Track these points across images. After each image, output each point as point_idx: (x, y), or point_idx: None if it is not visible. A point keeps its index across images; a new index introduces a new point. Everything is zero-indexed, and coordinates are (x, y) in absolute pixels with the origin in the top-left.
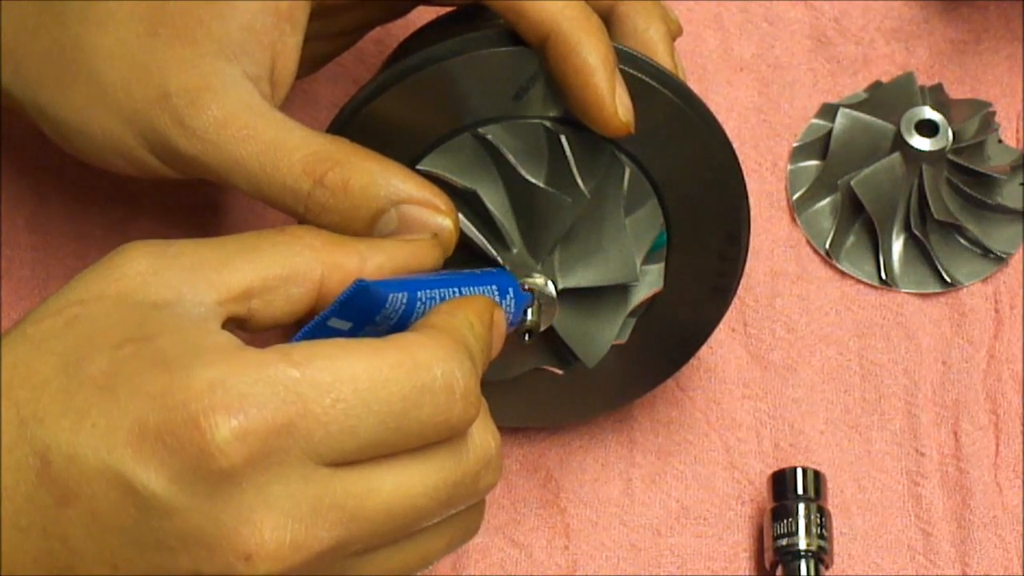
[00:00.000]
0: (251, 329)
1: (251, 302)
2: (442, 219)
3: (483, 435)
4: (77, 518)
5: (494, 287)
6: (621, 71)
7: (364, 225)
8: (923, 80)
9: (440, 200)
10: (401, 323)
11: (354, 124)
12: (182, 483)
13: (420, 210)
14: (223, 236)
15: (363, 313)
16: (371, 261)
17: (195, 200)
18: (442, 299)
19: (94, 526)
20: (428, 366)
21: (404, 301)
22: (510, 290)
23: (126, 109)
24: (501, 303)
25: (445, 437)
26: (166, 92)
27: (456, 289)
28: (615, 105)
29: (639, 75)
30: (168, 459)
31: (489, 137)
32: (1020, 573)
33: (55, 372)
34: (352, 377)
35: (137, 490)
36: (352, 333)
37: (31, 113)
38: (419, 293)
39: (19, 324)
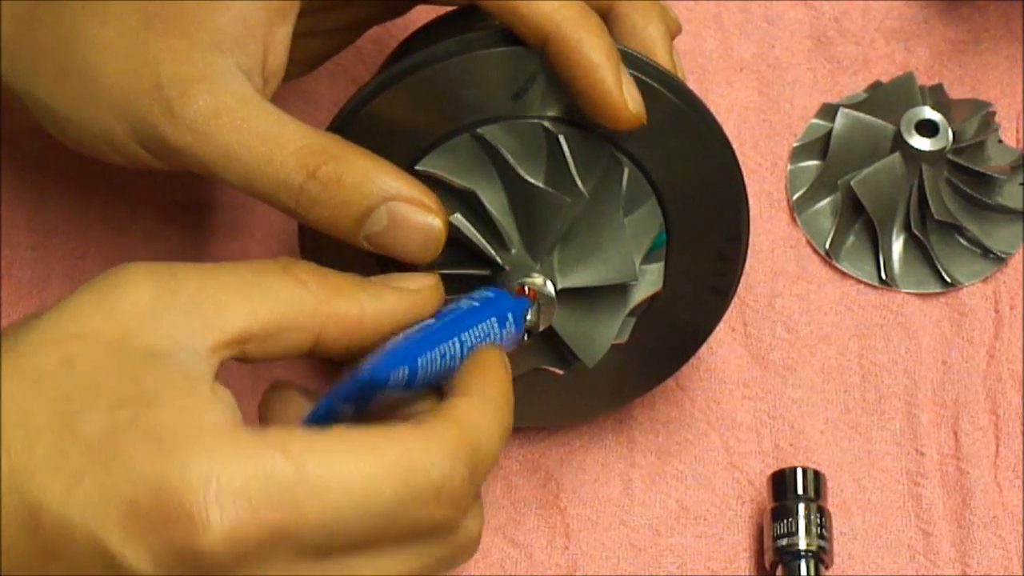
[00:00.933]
0: (246, 362)
1: (246, 345)
2: (432, 218)
3: (471, 524)
4: (60, 574)
5: (493, 319)
6: None
7: (354, 222)
8: (923, 80)
9: (430, 199)
10: (407, 389)
11: (353, 124)
12: (166, 569)
13: (410, 208)
14: (224, 265)
15: (367, 395)
16: (370, 311)
17: (195, 200)
18: (443, 357)
19: None
20: (424, 469)
21: (406, 374)
22: (509, 315)
23: (118, 100)
24: (501, 332)
25: (430, 535)
26: (158, 82)
27: (456, 339)
28: (624, 98)
29: (639, 75)
30: (156, 545)
31: (488, 137)
32: (1020, 573)
33: (49, 423)
34: (347, 478)
35: (120, 566)
36: (359, 407)
37: (27, 104)
38: (419, 360)
39: (13, 345)
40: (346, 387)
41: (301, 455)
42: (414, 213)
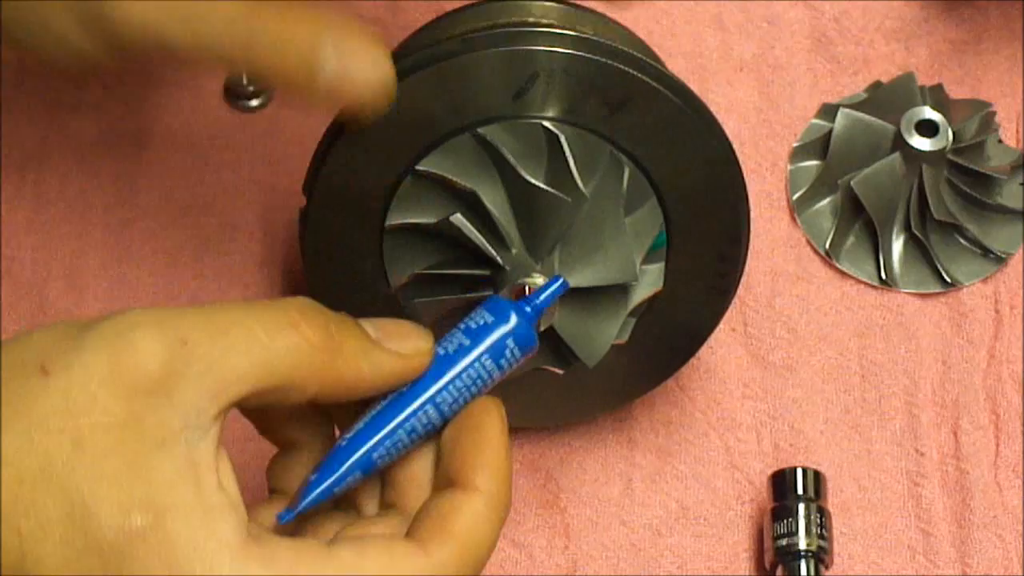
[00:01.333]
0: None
1: (245, 401)
2: (376, 50)
3: None
4: None
5: (486, 358)
6: (620, 71)
7: (308, 66)
8: (923, 80)
9: (371, 32)
10: (368, 476)
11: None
12: None
13: (354, 43)
14: (235, 318)
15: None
16: (367, 376)
17: (196, 200)
18: (411, 433)
19: None
20: None
21: (359, 476)
22: (509, 341)
23: None
24: (499, 364)
25: None
26: None
27: (431, 406)
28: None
29: (639, 75)
30: None
31: (489, 137)
32: (1020, 573)
33: (61, 516)
34: None
35: None
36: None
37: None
38: (374, 456)
39: (22, 409)
40: (297, 511)
41: None
42: (359, 47)
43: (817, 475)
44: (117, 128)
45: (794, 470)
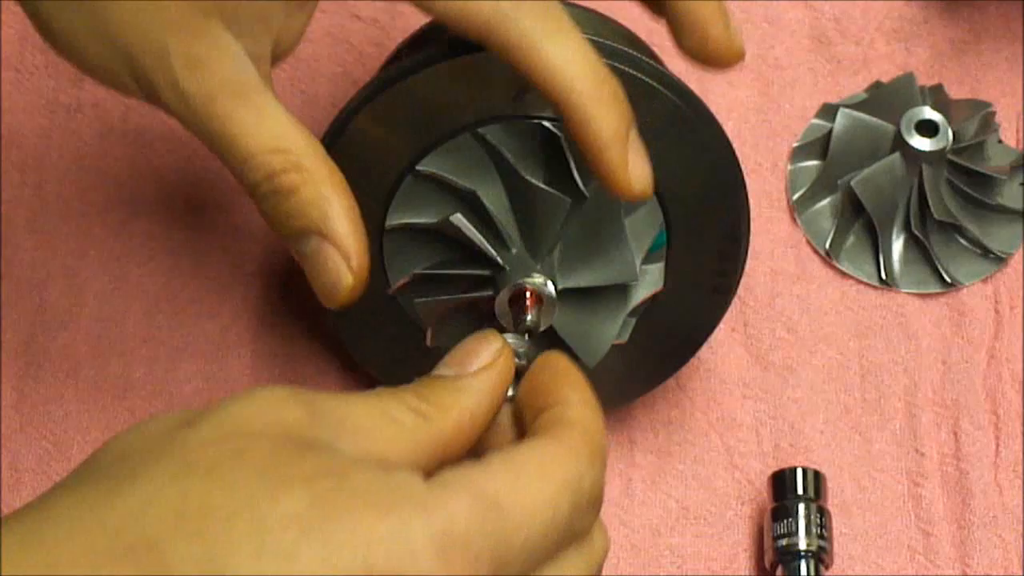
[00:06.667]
0: None
1: None
2: (346, 273)
3: (601, 535)
4: None
5: None
6: (620, 71)
7: (289, 233)
8: (923, 80)
9: (357, 255)
10: None
11: (354, 125)
12: None
13: (333, 251)
14: (355, 401)
15: None
16: (468, 413)
17: (196, 200)
18: None
19: None
20: (580, 480)
21: None
22: None
23: (124, 49)
24: None
25: (583, 541)
26: (164, 51)
27: None
28: (628, 178)
29: (639, 75)
30: None
31: (489, 137)
32: (1020, 573)
33: (242, 506)
34: (537, 506)
35: None
36: None
37: (30, 17)
38: None
39: (177, 449)
40: None
41: (494, 495)
42: (333, 258)
43: (817, 475)
44: (117, 128)
45: (794, 470)
